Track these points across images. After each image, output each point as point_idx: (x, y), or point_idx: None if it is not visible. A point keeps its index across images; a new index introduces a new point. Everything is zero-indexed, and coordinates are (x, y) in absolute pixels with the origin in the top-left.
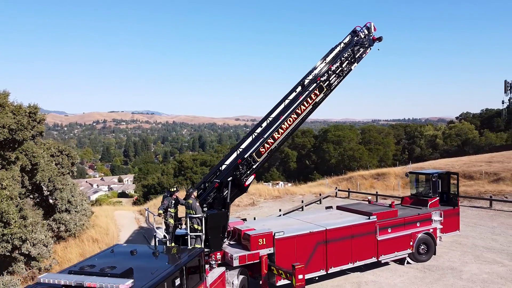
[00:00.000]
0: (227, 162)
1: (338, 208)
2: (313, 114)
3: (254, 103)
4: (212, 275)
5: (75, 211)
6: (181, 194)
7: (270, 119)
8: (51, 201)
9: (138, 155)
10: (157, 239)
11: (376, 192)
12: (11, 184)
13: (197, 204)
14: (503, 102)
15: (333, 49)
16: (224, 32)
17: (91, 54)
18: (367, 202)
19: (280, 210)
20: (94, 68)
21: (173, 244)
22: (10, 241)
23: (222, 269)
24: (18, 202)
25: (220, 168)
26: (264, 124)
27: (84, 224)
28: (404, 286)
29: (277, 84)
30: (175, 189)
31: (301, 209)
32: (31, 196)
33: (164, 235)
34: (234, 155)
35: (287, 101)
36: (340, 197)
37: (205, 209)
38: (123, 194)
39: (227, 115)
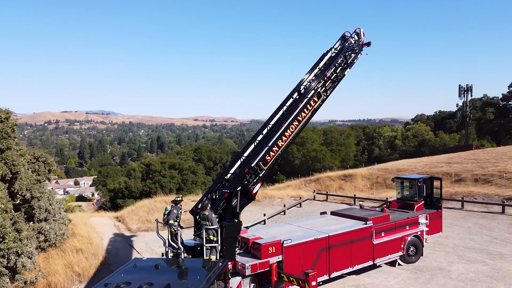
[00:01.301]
0: (231, 171)
1: (333, 213)
2: None
3: (213, 103)
4: (232, 285)
5: (53, 220)
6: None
7: (270, 126)
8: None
9: (94, 157)
10: (168, 251)
11: (354, 195)
12: (4, 197)
13: (213, 215)
14: (457, 105)
15: (324, 55)
16: (182, 29)
17: (42, 52)
18: (358, 207)
19: (264, 215)
20: (45, 66)
21: (185, 255)
22: (6, 256)
23: (239, 279)
24: (12, 215)
25: (226, 177)
26: (265, 131)
27: (64, 234)
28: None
29: (238, 84)
30: (180, 198)
31: (283, 213)
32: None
33: (179, 247)
34: (238, 163)
35: (285, 108)
36: (318, 200)
37: (216, 219)
38: (81, 198)
39: (185, 115)
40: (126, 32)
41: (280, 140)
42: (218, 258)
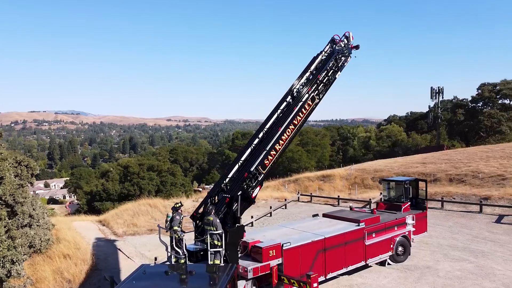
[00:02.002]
0: (229, 175)
1: (325, 215)
2: (247, 115)
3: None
4: None
5: (37, 225)
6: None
7: (265, 129)
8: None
9: (64, 158)
10: (172, 256)
11: (338, 196)
12: None
13: (218, 220)
14: (429, 107)
15: (315, 58)
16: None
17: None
18: (348, 209)
19: (252, 217)
20: (11, 64)
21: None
22: (1, 264)
23: (243, 282)
24: (6, 223)
25: (224, 182)
26: (260, 135)
27: (49, 239)
28: (393, 286)
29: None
30: (180, 204)
31: (269, 215)
32: None
33: (183, 252)
34: (236, 167)
35: (279, 111)
36: (302, 202)
37: (221, 224)
38: (52, 201)
39: (158, 116)
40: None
41: (277, 144)
42: (221, 262)
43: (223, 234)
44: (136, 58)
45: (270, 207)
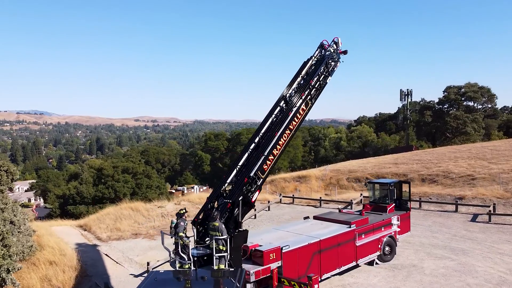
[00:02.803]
0: (228, 180)
1: (316, 218)
2: (216, 115)
3: (155, 103)
4: None
5: (18, 232)
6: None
7: (261, 134)
8: None
9: (28, 160)
10: (176, 262)
11: (320, 198)
12: None
13: (223, 226)
14: (398, 108)
15: (305, 63)
16: (121, 25)
17: None
18: (337, 211)
19: None
20: None
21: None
22: None
23: (249, 286)
24: (1, 231)
25: (224, 187)
26: (256, 140)
27: (32, 246)
28: (384, 285)
29: (180, 83)
30: (184, 210)
31: (254, 217)
32: None
33: (189, 257)
34: (234, 172)
35: (273, 116)
36: (284, 203)
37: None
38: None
39: (126, 116)
40: (61, 28)
41: (275, 149)
42: (226, 266)
43: (228, 239)
44: (101, 57)
45: (254, 209)
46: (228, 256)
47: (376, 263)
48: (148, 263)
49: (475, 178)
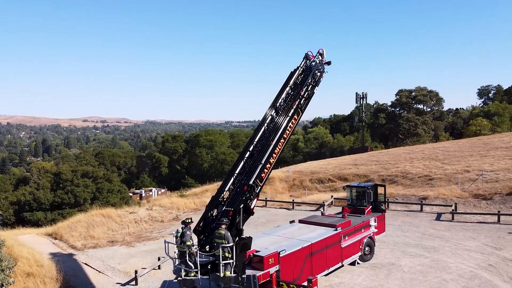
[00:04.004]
0: (226, 188)
1: (301, 222)
2: (167, 116)
3: (104, 103)
4: None
5: None
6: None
7: (254, 142)
8: None
9: None
10: (181, 271)
11: (293, 200)
12: None
13: (229, 233)
14: (353, 110)
15: (292, 73)
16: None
17: None
18: (319, 214)
19: None
20: None
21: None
22: None
23: None
24: None
25: (222, 196)
26: (251, 148)
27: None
28: (368, 284)
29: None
30: (190, 220)
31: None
32: None
33: (196, 265)
34: (231, 181)
35: (265, 125)
36: (258, 206)
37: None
38: None
39: (73, 116)
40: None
41: (271, 158)
42: (232, 273)
43: (234, 246)
44: (45, 54)
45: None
46: (234, 263)
47: (358, 263)
48: (136, 271)
49: (432, 179)
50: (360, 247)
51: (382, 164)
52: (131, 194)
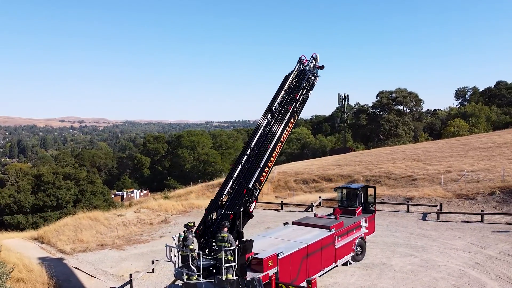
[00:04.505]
0: (225, 191)
1: (295, 223)
2: (147, 116)
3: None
4: None
5: None
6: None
7: (251, 146)
8: None
9: None
10: (183, 274)
11: (281, 201)
12: None
13: (232, 237)
14: (334, 111)
15: (287, 77)
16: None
17: None
18: (312, 215)
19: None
20: None
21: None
22: None
23: None
24: None
25: (221, 199)
26: (248, 151)
27: None
28: (362, 283)
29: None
30: (193, 224)
31: None
32: None
33: (198, 269)
34: (230, 184)
35: (261, 129)
36: None
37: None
38: None
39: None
40: None
41: (269, 161)
42: (234, 276)
43: (236, 249)
44: (19, 53)
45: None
46: (236, 266)
47: (350, 263)
48: (131, 275)
49: (415, 179)
50: (352, 247)
51: (365, 165)
52: (112, 196)
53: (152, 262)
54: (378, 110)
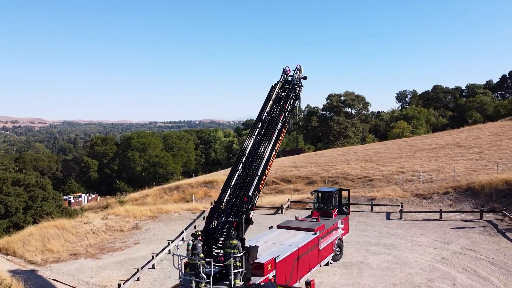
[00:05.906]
0: (224, 199)
1: (279, 227)
2: (88, 116)
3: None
4: None
5: None
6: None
7: (246, 154)
8: None
9: None
10: (192, 282)
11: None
12: None
13: (240, 243)
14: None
15: (273, 88)
16: None
17: None
18: (294, 219)
19: (183, 231)
20: None
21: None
22: None
23: None
24: None
25: (221, 207)
26: (243, 160)
27: None
28: (345, 281)
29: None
30: (200, 232)
31: (193, 228)
32: None
33: (208, 276)
34: (228, 192)
35: (253, 138)
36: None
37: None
38: None
39: None
40: None
41: (266, 170)
42: (241, 281)
43: (244, 256)
44: None
45: (194, 220)
46: (243, 271)
47: (330, 263)
48: (119, 285)
49: (372, 180)
50: (333, 248)
51: (321, 166)
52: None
53: (138, 270)
54: (328, 112)
